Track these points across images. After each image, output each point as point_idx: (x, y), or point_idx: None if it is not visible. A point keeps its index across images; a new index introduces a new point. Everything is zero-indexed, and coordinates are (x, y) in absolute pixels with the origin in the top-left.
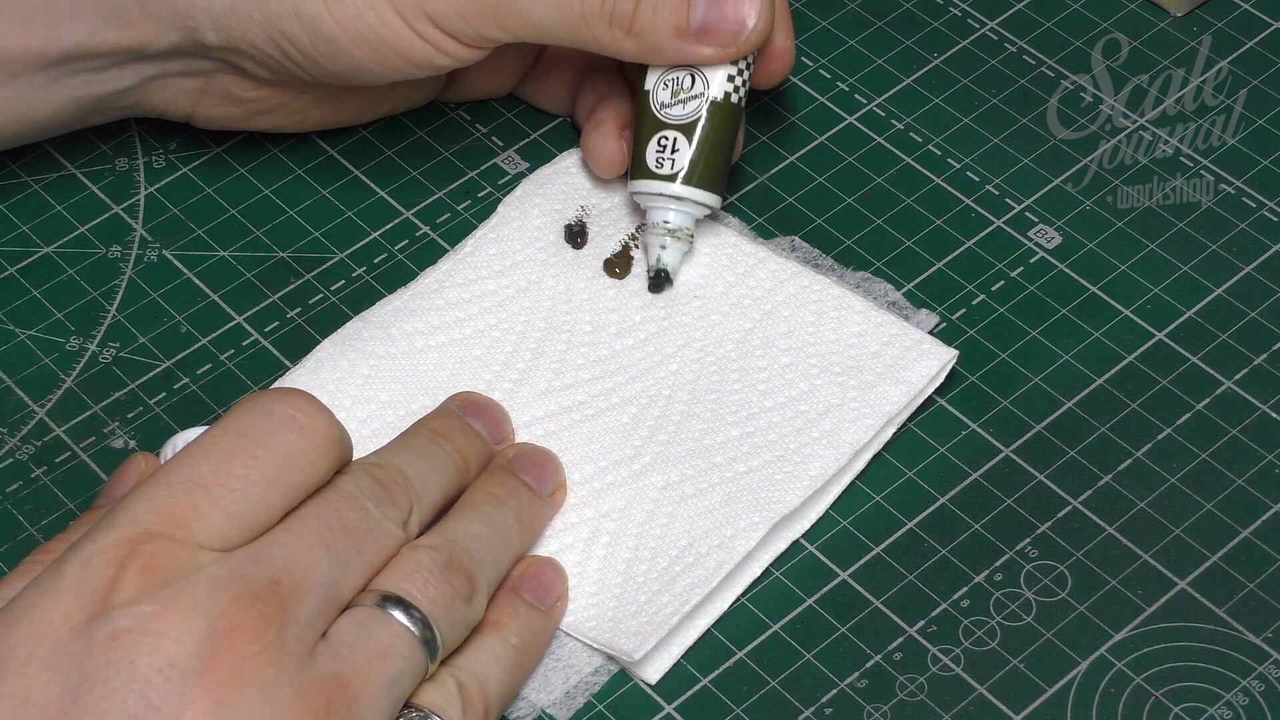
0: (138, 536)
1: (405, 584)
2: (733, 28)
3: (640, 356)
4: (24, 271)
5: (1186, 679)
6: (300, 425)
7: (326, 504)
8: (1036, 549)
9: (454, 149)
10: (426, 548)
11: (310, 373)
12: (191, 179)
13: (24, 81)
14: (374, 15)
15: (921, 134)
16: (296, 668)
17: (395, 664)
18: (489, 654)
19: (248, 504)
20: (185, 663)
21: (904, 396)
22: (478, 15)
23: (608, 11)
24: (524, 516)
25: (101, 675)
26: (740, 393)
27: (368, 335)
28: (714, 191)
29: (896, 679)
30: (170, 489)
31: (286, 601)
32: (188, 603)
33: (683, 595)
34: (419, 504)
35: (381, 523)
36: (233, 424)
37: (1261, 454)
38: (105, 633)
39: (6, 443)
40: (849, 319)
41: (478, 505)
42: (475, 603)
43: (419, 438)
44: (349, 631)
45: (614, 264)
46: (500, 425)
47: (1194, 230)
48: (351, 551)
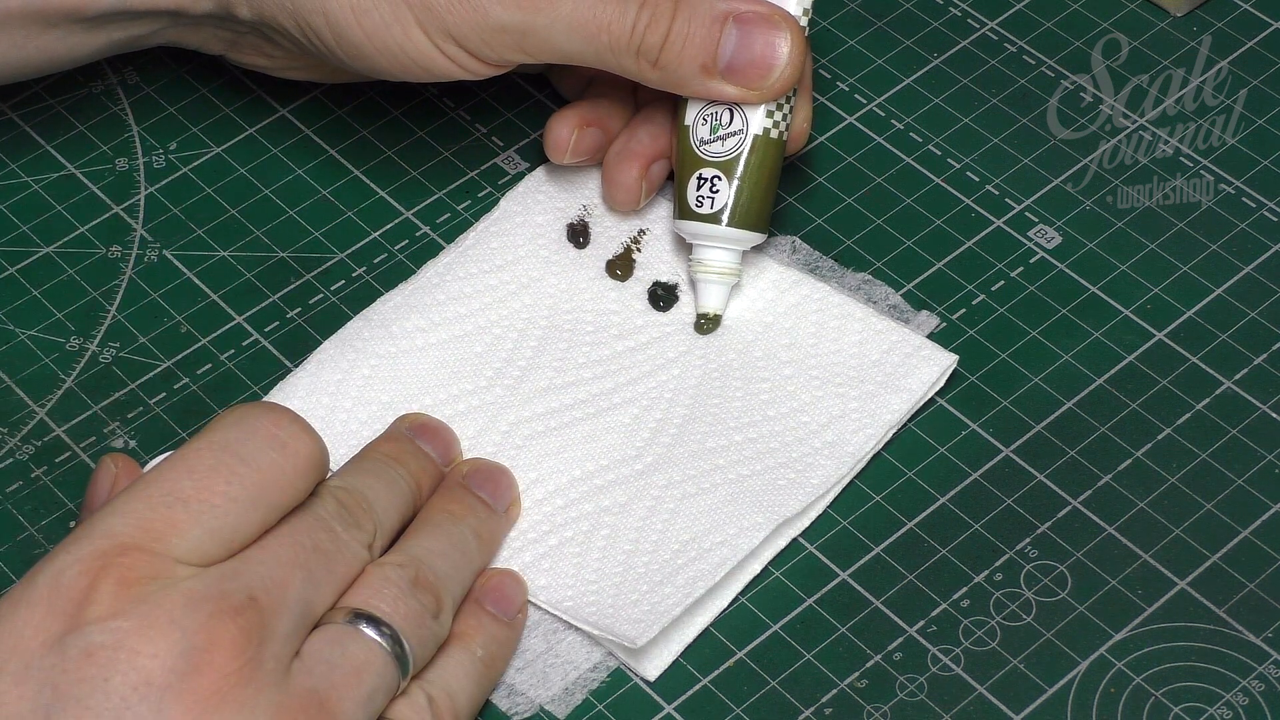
0: (113, 549)
1: (375, 600)
2: (760, 70)
3: (642, 359)
4: (24, 271)
5: (1186, 679)
6: (283, 445)
7: (300, 525)
8: (1036, 549)
9: (454, 149)
10: (393, 565)
11: (311, 375)
12: (191, 179)
13: (62, 29)
14: (400, 30)
15: (921, 134)
16: (274, 685)
17: (370, 680)
18: (457, 667)
19: (227, 521)
20: (162, 680)
21: (905, 404)
22: (501, 40)
23: (635, 43)
24: (482, 532)
25: (76, 693)
26: (743, 400)
27: (368, 334)
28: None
29: (896, 679)
30: (149, 502)
31: (265, 618)
32: (165, 618)
33: (685, 587)
34: (380, 528)
35: (350, 545)
36: (216, 437)
37: (1261, 454)
38: (79, 648)
39: (6, 443)
40: (849, 327)
41: (438, 523)
42: (442, 619)
43: (374, 461)
44: (323, 648)
45: (616, 265)
46: (449, 447)
47: (1194, 230)
48: (324, 571)
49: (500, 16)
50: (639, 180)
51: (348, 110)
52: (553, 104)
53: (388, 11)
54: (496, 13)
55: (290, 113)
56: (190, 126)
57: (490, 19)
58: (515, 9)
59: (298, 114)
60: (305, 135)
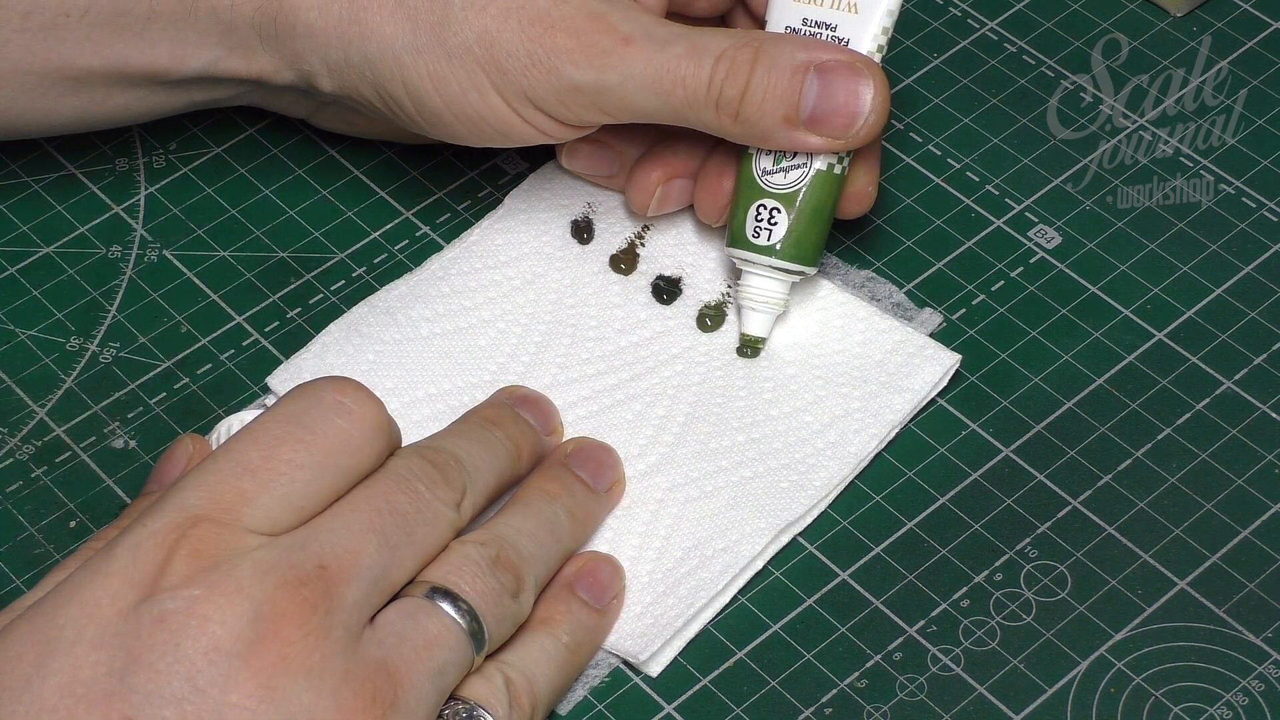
0: (186, 521)
1: (453, 576)
2: (844, 119)
3: (645, 355)
4: (24, 271)
5: (1186, 679)
6: (348, 411)
7: (376, 487)
8: (1036, 549)
9: (454, 149)
10: (475, 543)
11: (316, 357)
12: (191, 179)
13: (144, 89)
14: (478, 97)
15: (922, 134)
16: (342, 653)
17: (442, 654)
18: (539, 651)
19: (295, 488)
20: (231, 646)
21: (908, 404)
22: (577, 100)
23: (714, 99)
24: (577, 513)
25: (148, 657)
26: (746, 399)
27: (373, 320)
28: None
29: (896, 679)
30: (219, 474)
31: (332, 586)
32: (233, 587)
33: (687, 598)
34: (472, 486)
35: (433, 504)
36: (281, 410)
37: (1261, 454)
38: (152, 615)
39: (6, 443)
40: (853, 326)
41: (530, 502)
42: (522, 599)
43: (471, 424)
44: (396, 620)
45: (620, 260)
46: (549, 417)
47: (1194, 230)
48: (401, 535)
49: (573, 76)
50: (656, 184)
51: None
52: None
53: (465, 78)
54: (569, 72)
55: None
56: (190, 126)
57: (563, 79)
58: (588, 68)
59: None
60: (305, 135)
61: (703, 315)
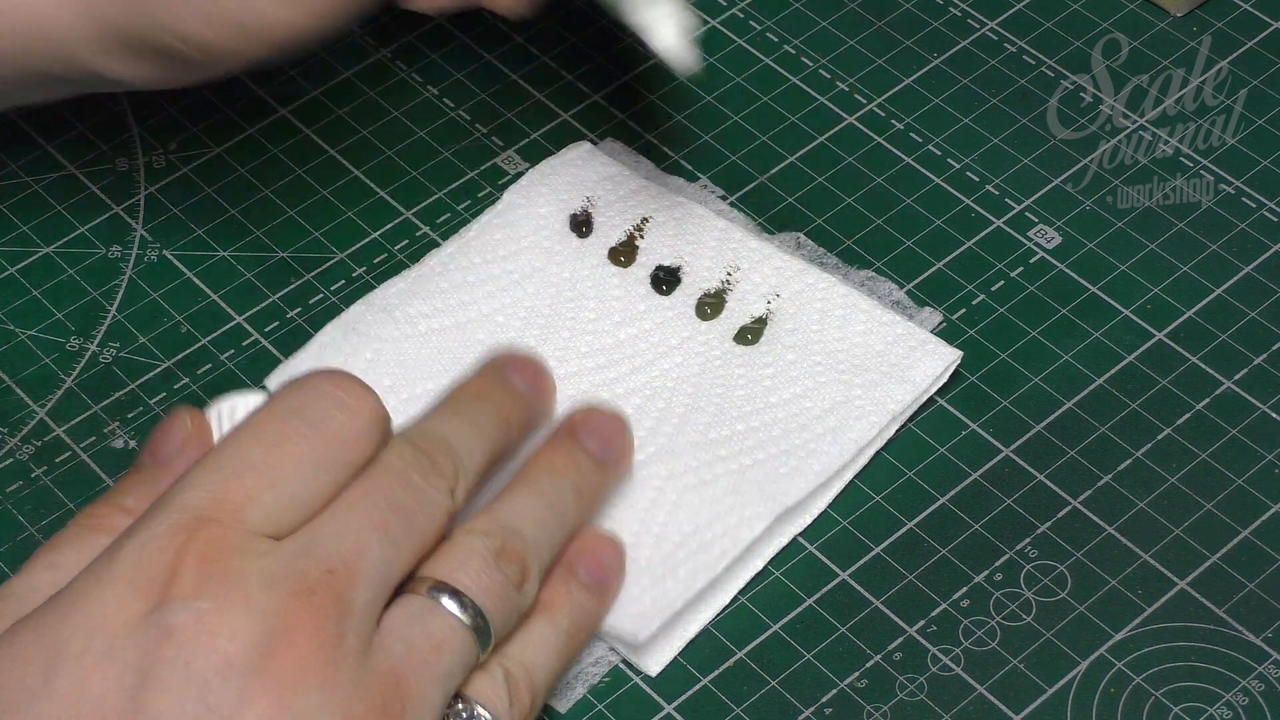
0: (191, 523)
1: (458, 573)
2: None
3: (645, 347)
4: (24, 271)
5: (1186, 679)
6: (347, 405)
7: (373, 482)
8: (1036, 549)
9: (454, 149)
10: (479, 534)
11: (313, 357)
12: (191, 179)
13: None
14: None
15: (921, 134)
16: (355, 662)
17: (449, 658)
18: (540, 640)
19: (299, 485)
20: (243, 662)
21: (909, 395)
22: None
23: None
24: (583, 488)
25: (158, 674)
26: (745, 388)
27: (370, 319)
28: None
29: (896, 679)
30: (222, 473)
31: (342, 592)
32: (241, 600)
33: (686, 581)
34: (464, 470)
35: (428, 494)
36: (280, 405)
37: (1261, 454)
38: (161, 627)
39: (6, 443)
40: (854, 317)
41: (534, 480)
42: (526, 589)
43: (456, 401)
44: (402, 625)
45: (619, 253)
46: (539, 376)
47: (1194, 230)
48: (402, 529)
49: None
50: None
51: (347, 110)
52: (553, 104)
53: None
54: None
55: (290, 113)
56: (190, 126)
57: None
58: None
59: (298, 114)
60: (305, 135)
61: (702, 304)
